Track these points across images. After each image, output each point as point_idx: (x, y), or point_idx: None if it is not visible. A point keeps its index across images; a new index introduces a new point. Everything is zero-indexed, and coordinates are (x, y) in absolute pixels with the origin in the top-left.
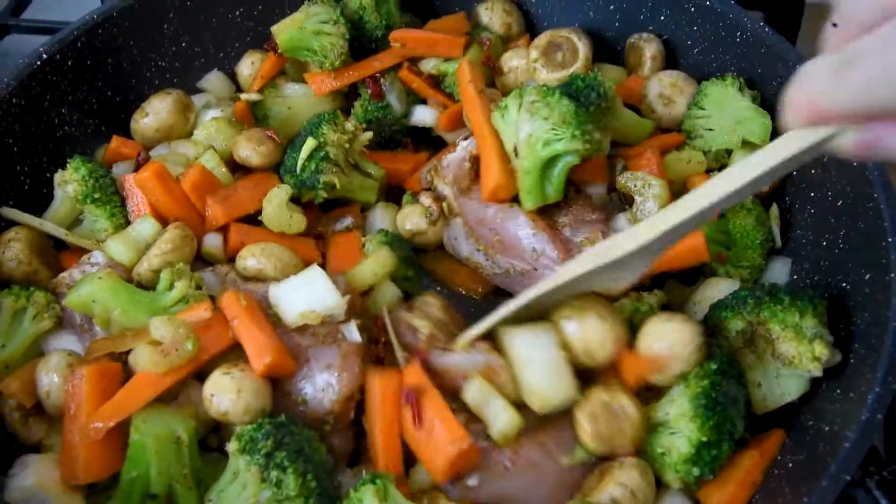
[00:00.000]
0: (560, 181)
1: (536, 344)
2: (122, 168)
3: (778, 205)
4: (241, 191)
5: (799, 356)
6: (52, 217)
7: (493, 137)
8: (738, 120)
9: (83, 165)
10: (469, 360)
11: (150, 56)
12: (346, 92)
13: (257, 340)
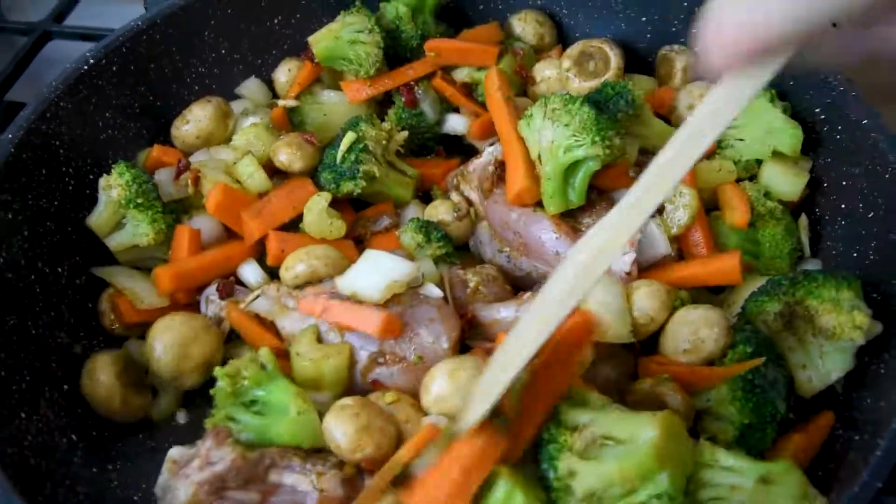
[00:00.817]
0: (582, 186)
1: (607, 290)
2: (163, 174)
3: (807, 215)
4: (274, 201)
5: (840, 326)
6: (97, 220)
7: (519, 144)
8: (768, 131)
9: (127, 171)
10: (512, 314)
11: (191, 62)
12: (380, 100)
13: (357, 311)
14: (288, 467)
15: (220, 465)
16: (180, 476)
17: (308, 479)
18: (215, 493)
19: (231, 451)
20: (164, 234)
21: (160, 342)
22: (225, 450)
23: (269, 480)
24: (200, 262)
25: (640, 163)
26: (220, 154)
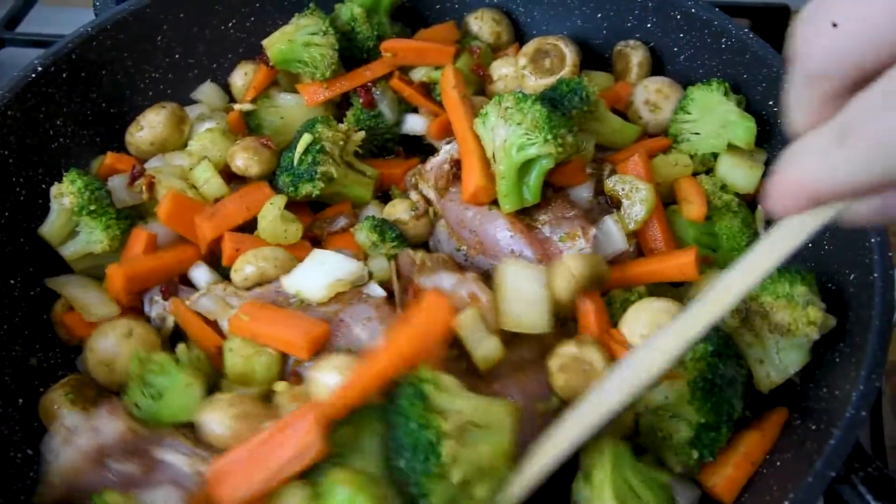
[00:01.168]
0: (537, 184)
1: (527, 277)
2: (117, 181)
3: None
4: (228, 204)
5: (795, 322)
6: (49, 229)
7: (475, 142)
8: (723, 124)
9: (79, 178)
10: (455, 285)
11: (144, 68)
12: (338, 101)
13: (283, 331)
14: (173, 446)
15: (107, 435)
16: (67, 441)
17: (190, 462)
18: (96, 462)
19: (122, 423)
20: (119, 241)
21: (90, 360)
22: (116, 422)
23: (153, 456)
24: (154, 264)
25: (596, 159)
26: (175, 160)
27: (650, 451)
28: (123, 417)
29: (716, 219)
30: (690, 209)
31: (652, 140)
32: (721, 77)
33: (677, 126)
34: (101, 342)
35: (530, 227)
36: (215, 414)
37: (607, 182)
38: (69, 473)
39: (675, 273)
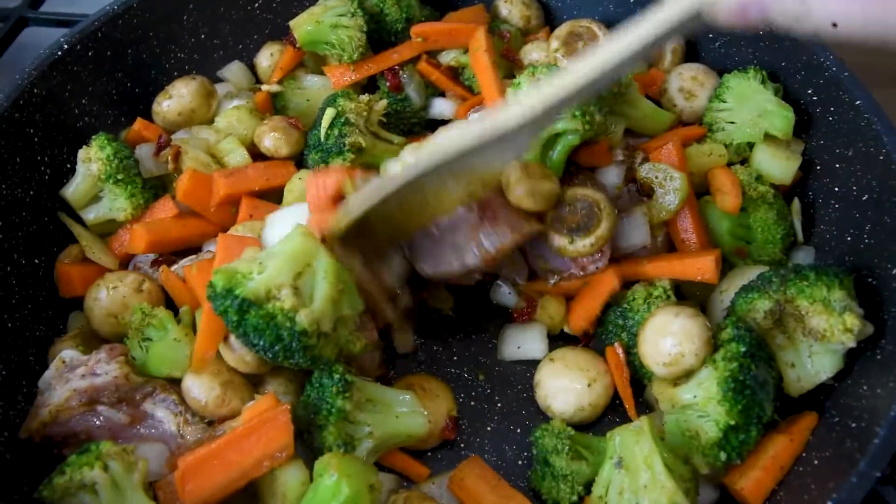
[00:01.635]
0: (560, 159)
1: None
2: (144, 150)
3: (800, 199)
4: (249, 171)
5: (830, 328)
6: (73, 192)
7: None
8: (760, 113)
9: (108, 144)
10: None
11: (170, 47)
12: (364, 84)
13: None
14: (164, 401)
15: (102, 378)
16: (62, 378)
17: (176, 420)
18: (87, 403)
19: (118, 367)
20: (142, 210)
21: (95, 310)
22: (112, 365)
23: (143, 408)
24: (178, 233)
25: (628, 146)
26: (201, 133)
27: (676, 451)
28: (121, 363)
29: (750, 210)
30: (725, 200)
31: (686, 128)
32: (758, 64)
33: (712, 114)
34: (110, 293)
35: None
36: (201, 379)
37: (640, 169)
38: (58, 410)
39: (693, 274)
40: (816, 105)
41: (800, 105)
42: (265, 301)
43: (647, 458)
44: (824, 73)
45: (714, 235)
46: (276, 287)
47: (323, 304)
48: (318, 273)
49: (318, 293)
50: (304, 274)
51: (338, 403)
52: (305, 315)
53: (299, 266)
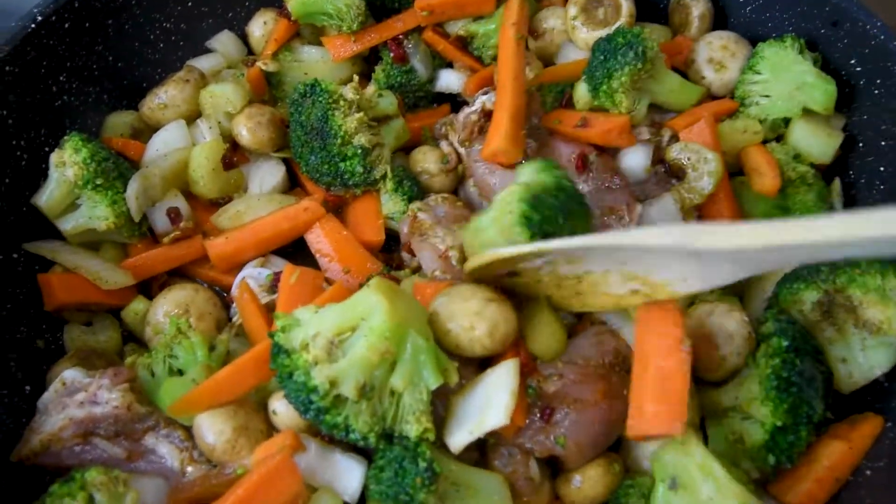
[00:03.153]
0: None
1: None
2: (157, 215)
3: (841, 179)
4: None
5: (888, 321)
6: (47, 201)
7: (514, 95)
8: (797, 86)
9: (83, 146)
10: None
11: (154, 17)
12: (366, 55)
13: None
14: (168, 436)
15: (101, 408)
16: (59, 403)
17: (180, 457)
18: (82, 435)
19: (121, 396)
20: (125, 217)
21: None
22: (116, 393)
23: (143, 442)
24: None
25: (654, 122)
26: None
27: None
28: (124, 391)
29: (788, 192)
30: (762, 182)
31: (717, 103)
32: (795, 32)
33: (745, 87)
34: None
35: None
36: (213, 418)
37: (670, 150)
38: (50, 440)
39: None
40: (860, 77)
41: (841, 77)
42: (297, 351)
43: (704, 466)
44: (870, 42)
45: (749, 219)
46: (312, 337)
47: (349, 364)
48: (361, 331)
49: (350, 352)
50: (353, 330)
51: (420, 497)
52: (319, 371)
53: (351, 320)
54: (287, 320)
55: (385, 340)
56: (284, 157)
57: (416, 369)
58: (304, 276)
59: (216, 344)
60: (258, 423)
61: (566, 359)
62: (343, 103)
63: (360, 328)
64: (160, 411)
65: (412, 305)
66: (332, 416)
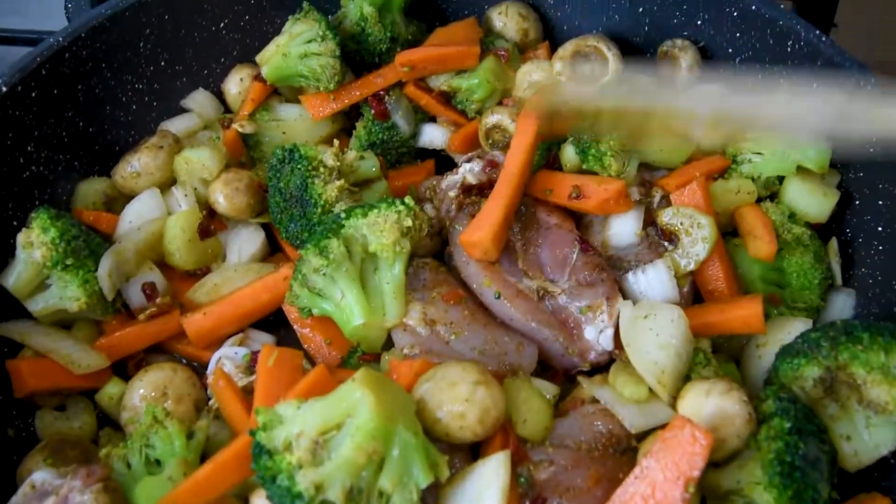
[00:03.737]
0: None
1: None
2: (133, 291)
3: (837, 237)
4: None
5: (893, 401)
6: (16, 282)
7: (515, 193)
8: (790, 143)
9: (52, 225)
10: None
11: (126, 78)
12: (347, 111)
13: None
14: None
15: None
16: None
17: None
18: None
19: (94, 499)
20: (98, 296)
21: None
22: (88, 495)
23: None
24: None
25: (644, 182)
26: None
27: None
28: (97, 493)
29: (784, 253)
30: (758, 246)
31: (708, 160)
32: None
33: (737, 145)
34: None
35: (542, 296)
36: None
37: (661, 215)
38: None
39: (739, 326)
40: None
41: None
42: (280, 451)
43: None
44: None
45: (745, 282)
46: (296, 437)
47: (335, 467)
48: (347, 429)
49: (335, 453)
50: (339, 428)
51: None
52: (304, 476)
53: (336, 417)
54: (268, 416)
55: (372, 440)
56: (264, 223)
57: (405, 467)
58: (282, 357)
59: (195, 430)
60: None
61: (557, 442)
62: (323, 170)
63: (346, 426)
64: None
65: (399, 397)
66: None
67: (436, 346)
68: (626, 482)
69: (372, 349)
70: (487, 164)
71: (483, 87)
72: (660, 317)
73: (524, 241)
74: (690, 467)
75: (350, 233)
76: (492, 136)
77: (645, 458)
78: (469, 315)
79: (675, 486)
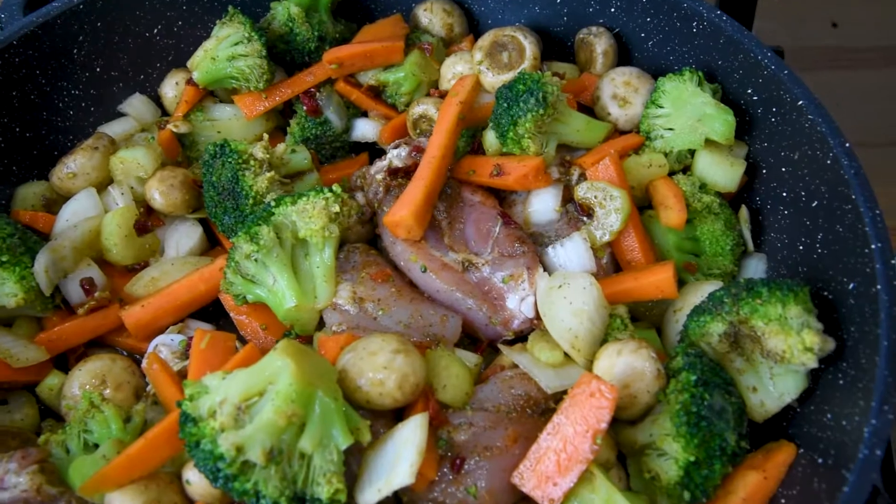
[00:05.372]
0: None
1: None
2: (72, 287)
3: (747, 206)
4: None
5: (790, 349)
6: None
7: (437, 174)
8: (698, 117)
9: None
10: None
11: (62, 84)
12: (280, 109)
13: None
14: None
15: (10, 492)
16: None
17: None
18: None
19: (29, 479)
20: (35, 291)
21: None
22: (24, 477)
23: None
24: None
25: (562, 161)
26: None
27: (642, 495)
28: (33, 474)
29: (696, 222)
30: (669, 215)
31: (622, 138)
32: (694, 65)
33: (649, 122)
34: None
35: (467, 267)
36: (123, 497)
37: (577, 190)
38: None
39: (652, 292)
40: (757, 105)
41: (740, 106)
42: (204, 418)
43: (608, 501)
44: (763, 72)
45: (660, 251)
46: (219, 404)
47: (255, 429)
48: (269, 396)
49: (256, 417)
50: (261, 394)
51: None
52: (225, 438)
53: (258, 385)
54: (195, 388)
55: (291, 403)
56: (201, 218)
57: (325, 430)
58: (215, 340)
59: (132, 415)
60: (172, 496)
61: (476, 405)
62: (253, 163)
63: (268, 392)
64: (72, 492)
65: (320, 365)
66: (241, 483)
67: (363, 322)
68: (540, 438)
69: (305, 331)
70: (413, 149)
71: (409, 81)
72: (573, 285)
73: (449, 218)
74: (598, 420)
75: (280, 220)
76: (419, 126)
77: (556, 414)
78: (396, 292)
79: (584, 438)
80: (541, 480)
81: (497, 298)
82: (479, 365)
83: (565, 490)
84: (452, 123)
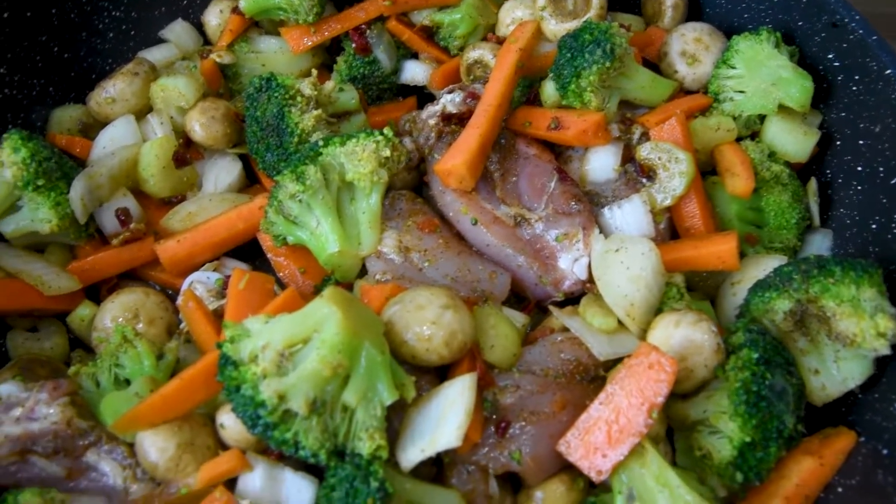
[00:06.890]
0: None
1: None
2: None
3: (817, 178)
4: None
5: (861, 333)
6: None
7: (493, 123)
8: (773, 81)
9: (23, 145)
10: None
11: (102, 4)
12: (327, 45)
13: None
14: (110, 452)
15: (39, 423)
16: None
17: (123, 474)
18: (19, 453)
19: (60, 411)
20: (70, 219)
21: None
22: (54, 408)
23: (84, 459)
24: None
25: (624, 119)
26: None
27: (690, 472)
28: (64, 406)
29: (762, 192)
30: (735, 183)
31: (689, 98)
32: (771, 25)
33: (719, 83)
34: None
35: (519, 223)
36: (156, 435)
37: (639, 150)
38: None
39: (713, 262)
40: (838, 73)
41: (818, 72)
42: (246, 363)
43: (660, 477)
44: (848, 36)
45: (721, 220)
46: (262, 349)
47: (299, 378)
48: (313, 343)
49: (301, 366)
50: (306, 342)
51: None
52: (267, 385)
53: (303, 332)
54: (236, 330)
55: (338, 354)
56: (241, 153)
57: (370, 384)
58: (253, 281)
59: (164, 352)
60: (205, 439)
61: (524, 368)
62: (300, 99)
63: (313, 340)
64: (103, 426)
65: (367, 316)
66: (281, 432)
67: (409, 273)
68: (590, 407)
69: (346, 278)
70: (468, 95)
71: (465, 23)
72: (631, 250)
73: (503, 170)
74: (655, 393)
75: (327, 160)
76: (473, 72)
77: (610, 384)
78: (443, 243)
79: (638, 411)
80: (588, 451)
81: (549, 257)
82: (527, 326)
83: (615, 462)
84: (510, 71)
